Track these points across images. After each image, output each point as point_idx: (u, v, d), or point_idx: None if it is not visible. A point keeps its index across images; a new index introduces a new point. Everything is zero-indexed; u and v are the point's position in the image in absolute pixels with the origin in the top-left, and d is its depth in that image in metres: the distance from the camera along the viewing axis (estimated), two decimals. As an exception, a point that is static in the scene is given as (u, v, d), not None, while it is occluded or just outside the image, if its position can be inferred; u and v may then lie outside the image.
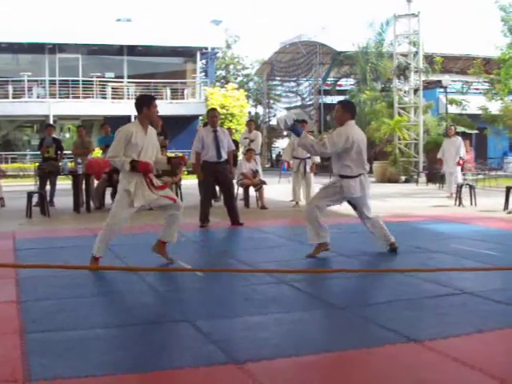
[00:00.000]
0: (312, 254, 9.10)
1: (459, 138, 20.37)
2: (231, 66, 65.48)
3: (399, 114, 31.28)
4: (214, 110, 13.90)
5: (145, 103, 8.41)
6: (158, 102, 8.72)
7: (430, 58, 34.87)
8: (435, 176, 25.74)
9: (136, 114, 8.47)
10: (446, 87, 34.27)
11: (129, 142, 8.20)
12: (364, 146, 9.08)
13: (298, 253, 9.49)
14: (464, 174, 21.03)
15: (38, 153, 19.89)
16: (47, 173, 17.08)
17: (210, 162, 12.85)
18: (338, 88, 46.63)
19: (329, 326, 6.04)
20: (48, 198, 16.21)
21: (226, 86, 44.47)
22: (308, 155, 16.08)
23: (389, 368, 4.72)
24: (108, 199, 16.95)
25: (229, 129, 20.72)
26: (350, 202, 9.40)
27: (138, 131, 8.29)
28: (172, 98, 41.40)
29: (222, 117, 38.30)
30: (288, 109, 51.45)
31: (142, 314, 6.33)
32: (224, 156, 12.92)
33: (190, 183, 21.06)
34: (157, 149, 8.66)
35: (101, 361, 4.84)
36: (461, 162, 20.14)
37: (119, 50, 42.16)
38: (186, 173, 27.14)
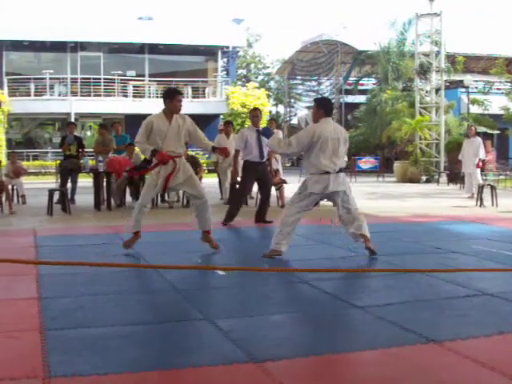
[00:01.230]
0: (266, 255, 9.04)
1: (478, 139, 20.26)
2: (252, 65, 65.58)
3: (420, 114, 31.16)
4: (255, 109, 13.70)
5: (168, 96, 9.25)
6: None
7: (451, 58, 34.75)
8: (456, 176, 25.63)
9: (156, 113, 8.94)
10: (467, 87, 34.18)
11: (150, 130, 9.14)
12: (336, 143, 8.86)
13: (318, 252, 9.49)
14: (485, 175, 20.93)
15: (60, 150, 19.93)
16: (68, 170, 17.14)
17: (253, 162, 12.83)
18: (359, 87, 46.55)
19: (348, 326, 6.02)
20: (69, 196, 16.26)
21: (246, 84, 44.48)
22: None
23: (407, 369, 4.70)
24: (129, 197, 17.02)
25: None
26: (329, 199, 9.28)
27: (160, 121, 9.19)
28: (193, 97, 41.40)
29: (243, 116, 38.36)
30: (309, 108, 51.39)
31: (161, 312, 6.34)
32: (266, 156, 12.93)
33: (209, 182, 21.09)
34: (194, 133, 9.44)
35: (120, 358, 4.86)
36: (480, 163, 20.06)
37: (141, 49, 42.25)
38: (206, 171, 27.17)
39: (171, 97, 9.22)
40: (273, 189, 16.87)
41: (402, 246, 9.71)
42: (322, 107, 9.08)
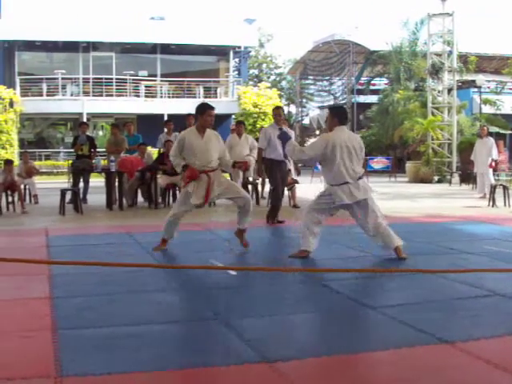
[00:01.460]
0: (293, 255, 9.06)
1: (491, 139, 20.21)
2: (264, 65, 65.55)
3: (433, 114, 31.08)
4: (278, 108, 13.69)
5: (199, 111, 9.43)
6: (190, 100, 9.28)
7: (464, 58, 34.66)
8: (468, 176, 25.56)
9: (168, 112, 8.94)
10: (480, 87, 34.07)
11: (183, 146, 9.35)
12: (351, 151, 8.82)
13: (330, 252, 9.48)
14: (498, 175, 20.86)
15: (72, 150, 19.99)
16: (80, 170, 17.18)
17: (277, 161, 12.86)
18: (371, 87, 46.49)
19: (360, 326, 6.02)
20: (81, 196, 16.31)
21: (258, 84, 44.45)
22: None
23: (419, 369, 4.69)
24: (140, 197, 17.04)
25: (262, 128, 20.75)
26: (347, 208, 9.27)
27: (191, 136, 9.40)
28: (205, 97, 41.35)
29: (255, 115, 38.36)
30: (321, 108, 51.39)
31: (173, 312, 6.35)
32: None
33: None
34: (221, 151, 9.66)
35: (132, 358, 4.87)
36: (493, 164, 20.00)
37: (152, 49, 42.28)
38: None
39: (202, 112, 9.38)
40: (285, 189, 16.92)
41: (414, 247, 9.68)
42: (336, 116, 9.08)
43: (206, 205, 9.70)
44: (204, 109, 9.42)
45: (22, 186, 17.05)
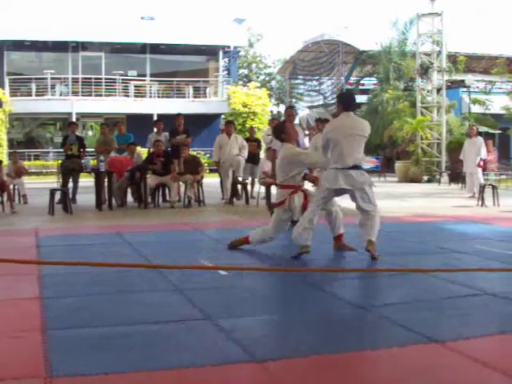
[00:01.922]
0: (295, 255, 9.04)
1: (480, 139, 20.26)
2: (253, 65, 65.56)
3: (422, 114, 31.13)
4: (292, 107, 13.82)
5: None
6: (180, 100, 9.45)
7: (453, 58, 34.69)
8: (458, 176, 25.64)
9: (157, 112, 8.99)
10: (469, 87, 34.18)
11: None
12: (349, 139, 8.76)
13: (320, 252, 9.47)
14: (487, 175, 20.89)
15: (61, 150, 19.97)
16: (70, 170, 17.15)
17: None
18: (360, 87, 46.50)
19: (350, 326, 6.02)
20: (70, 196, 16.28)
21: (248, 84, 44.51)
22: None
23: (409, 368, 4.70)
24: (130, 197, 17.03)
25: (251, 127, 20.79)
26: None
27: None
28: (194, 97, 41.43)
29: (245, 115, 38.37)
30: (310, 108, 51.39)
31: (163, 312, 6.34)
32: None
33: (210, 181, 21.11)
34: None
35: (122, 358, 4.86)
36: (481, 163, 20.05)
37: (142, 49, 42.24)
38: (207, 171, 27.20)
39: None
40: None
41: (404, 246, 9.71)
42: (341, 101, 9.17)
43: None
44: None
45: (12, 186, 17.02)
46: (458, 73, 33.74)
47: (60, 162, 18.60)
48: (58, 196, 16.09)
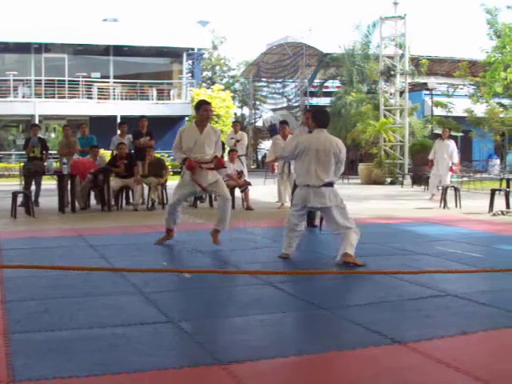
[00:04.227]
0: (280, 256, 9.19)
1: (453, 142, 20.39)
2: (217, 67, 65.44)
3: (385, 116, 31.34)
4: (309, 111, 13.96)
5: (196, 107, 10.43)
6: (143, 102, 9.47)
7: (415, 61, 35.00)
8: (420, 178, 25.85)
9: (121, 114, 9.06)
10: (431, 89, 34.44)
11: (181, 138, 10.25)
12: (323, 156, 8.79)
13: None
14: (451, 176, 21.07)
15: (24, 153, 19.81)
16: (32, 173, 17.01)
17: None
18: (324, 90, 46.66)
19: (312, 328, 6.04)
20: (33, 198, 16.16)
21: (212, 87, 44.50)
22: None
23: (373, 370, 4.72)
24: (93, 200, 16.94)
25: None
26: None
27: (191, 130, 10.39)
28: (158, 99, 41.35)
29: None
30: (274, 110, 51.54)
31: (127, 314, 6.31)
32: None
33: (174, 184, 21.02)
34: (215, 145, 10.37)
35: (85, 361, 4.83)
36: (453, 167, 20.24)
37: (105, 50, 42.06)
38: (171, 173, 27.10)
39: (198, 107, 10.32)
40: (237, 191, 16.95)
41: (366, 248, 9.74)
42: (315, 118, 9.20)
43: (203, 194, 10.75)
44: (200, 104, 10.40)
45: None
46: (420, 76, 34.10)
47: (22, 164, 18.47)
48: (20, 199, 15.97)
